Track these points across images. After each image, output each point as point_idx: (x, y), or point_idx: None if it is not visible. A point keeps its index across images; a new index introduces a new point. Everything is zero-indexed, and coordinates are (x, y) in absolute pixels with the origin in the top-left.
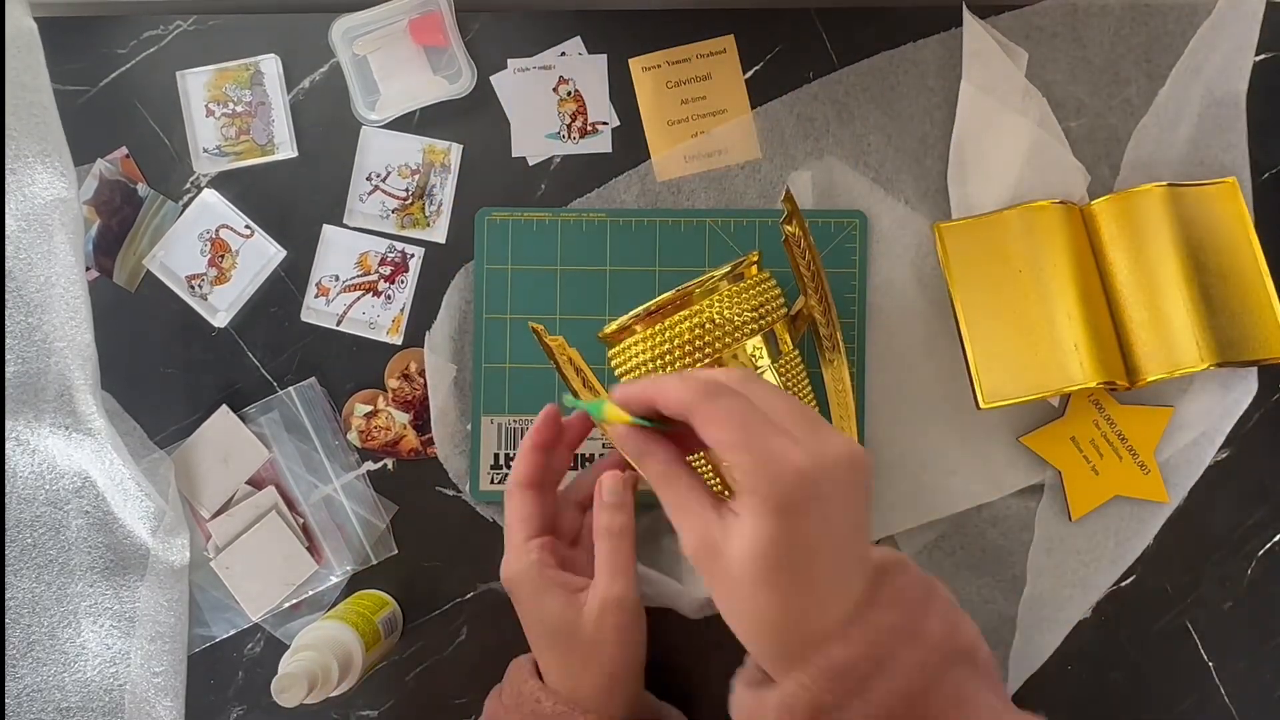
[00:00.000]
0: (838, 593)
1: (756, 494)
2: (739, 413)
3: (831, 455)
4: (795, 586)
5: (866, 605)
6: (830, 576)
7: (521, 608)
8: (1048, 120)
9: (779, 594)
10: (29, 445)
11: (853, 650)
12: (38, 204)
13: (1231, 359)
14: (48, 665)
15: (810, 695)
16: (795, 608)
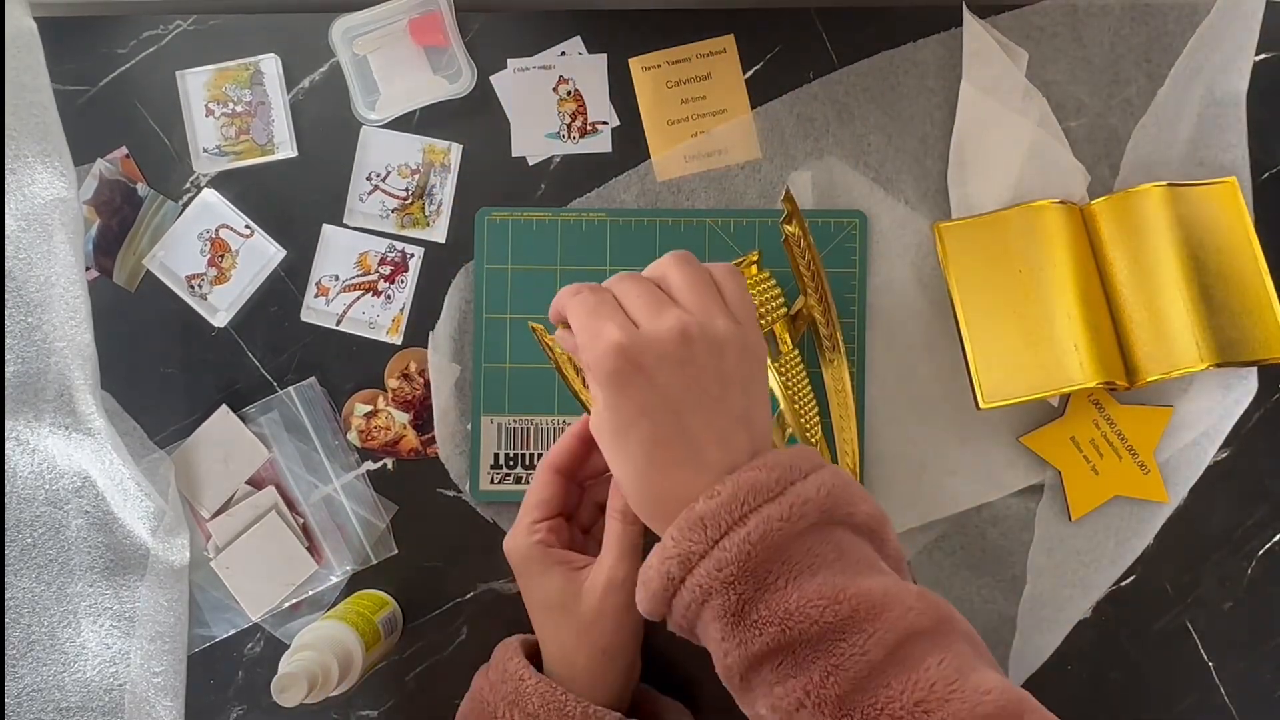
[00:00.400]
0: (692, 457)
1: (589, 370)
2: (588, 303)
3: (656, 331)
4: (638, 446)
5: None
6: (673, 439)
7: (522, 580)
8: (1048, 120)
9: (629, 456)
10: (29, 445)
11: (714, 503)
12: (38, 204)
13: (1231, 359)
14: (48, 665)
15: (679, 547)
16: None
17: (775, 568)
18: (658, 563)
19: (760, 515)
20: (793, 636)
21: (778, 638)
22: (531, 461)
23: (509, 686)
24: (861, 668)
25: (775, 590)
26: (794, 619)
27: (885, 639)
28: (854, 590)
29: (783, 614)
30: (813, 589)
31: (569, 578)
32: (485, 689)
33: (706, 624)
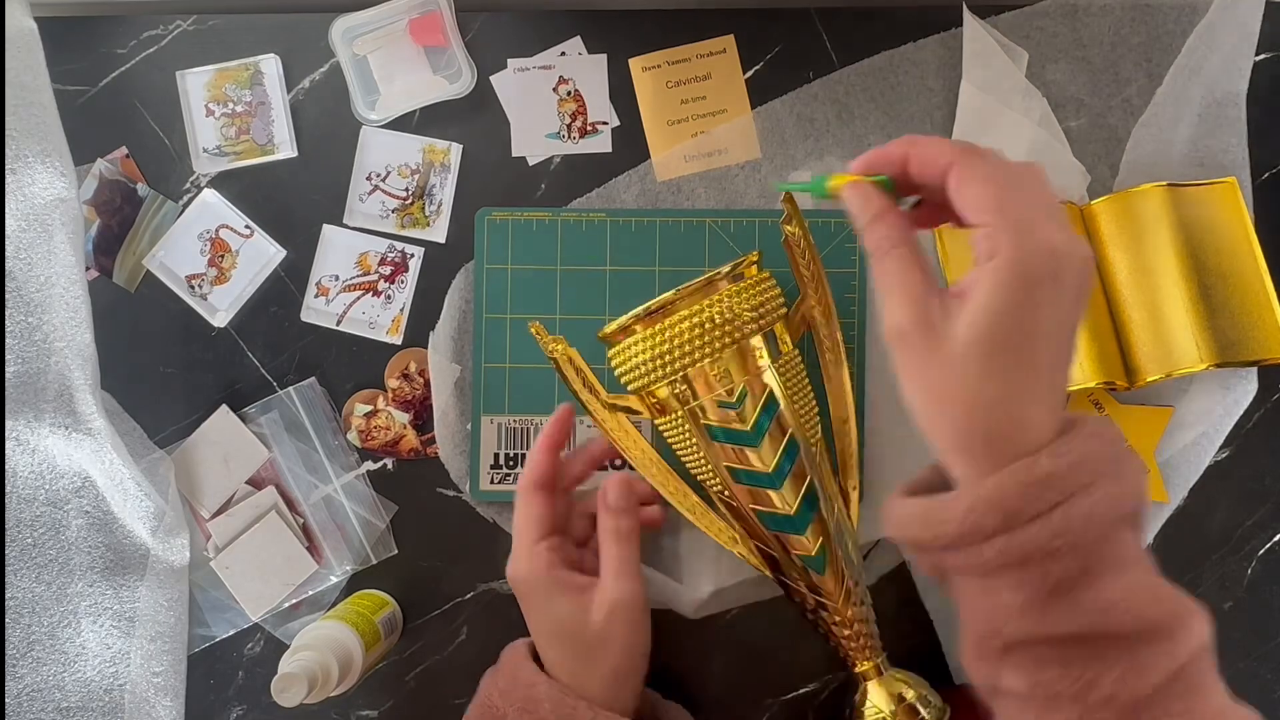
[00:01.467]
0: (1052, 395)
1: (1003, 258)
2: (1001, 175)
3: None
4: (1019, 370)
5: (1072, 430)
6: (1050, 371)
7: (528, 606)
8: (1048, 120)
9: (1000, 375)
10: (29, 445)
11: (1059, 464)
12: (38, 204)
13: (1231, 359)
14: (48, 665)
15: (1006, 500)
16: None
17: (1101, 550)
18: (964, 510)
19: (1102, 491)
20: (1105, 628)
21: (1091, 625)
22: None
23: (520, 693)
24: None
25: (1099, 575)
26: (1116, 610)
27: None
28: (1168, 591)
29: (1106, 603)
30: (1137, 580)
31: (575, 601)
32: (495, 695)
33: (996, 588)
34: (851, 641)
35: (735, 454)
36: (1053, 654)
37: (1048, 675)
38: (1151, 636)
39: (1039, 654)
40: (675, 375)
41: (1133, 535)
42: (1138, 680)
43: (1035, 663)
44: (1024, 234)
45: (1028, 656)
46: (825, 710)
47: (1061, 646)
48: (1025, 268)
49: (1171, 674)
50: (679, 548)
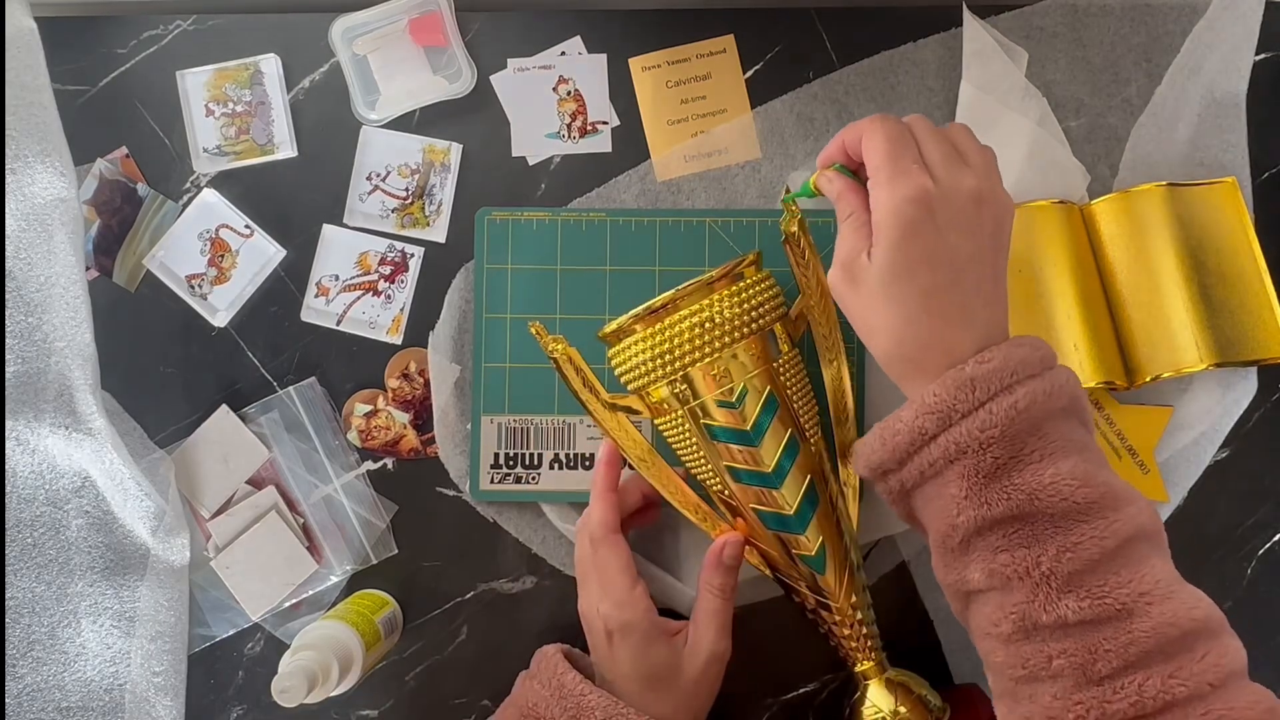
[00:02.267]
0: (962, 315)
1: (879, 205)
2: (895, 136)
3: (958, 187)
4: (919, 296)
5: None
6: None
7: (626, 650)
8: (1048, 120)
9: (899, 302)
10: (29, 445)
11: (985, 368)
12: (38, 204)
13: (1231, 359)
14: (48, 665)
15: (940, 401)
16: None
17: (1032, 441)
18: (911, 417)
19: (1026, 388)
20: (1038, 509)
21: (1023, 506)
22: (531, 461)
23: (570, 701)
24: (1096, 551)
25: (1030, 462)
26: (1045, 492)
27: (1121, 530)
28: (1102, 479)
29: (1035, 485)
30: (1066, 468)
31: (670, 646)
32: (539, 702)
33: (944, 483)
34: (851, 641)
35: (735, 453)
36: (1000, 539)
37: (999, 561)
38: (1083, 516)
39: (990, 542)
40: (675, 375)
41: (1070, 428)
42: (1073, 556)
43: (990, 551)
44: (895, 182)
45: (983, 546)
46: (825, 710)
47: (1005, 530)
48: (897, 209)
49: (1106, 551)
50: (679, 547)
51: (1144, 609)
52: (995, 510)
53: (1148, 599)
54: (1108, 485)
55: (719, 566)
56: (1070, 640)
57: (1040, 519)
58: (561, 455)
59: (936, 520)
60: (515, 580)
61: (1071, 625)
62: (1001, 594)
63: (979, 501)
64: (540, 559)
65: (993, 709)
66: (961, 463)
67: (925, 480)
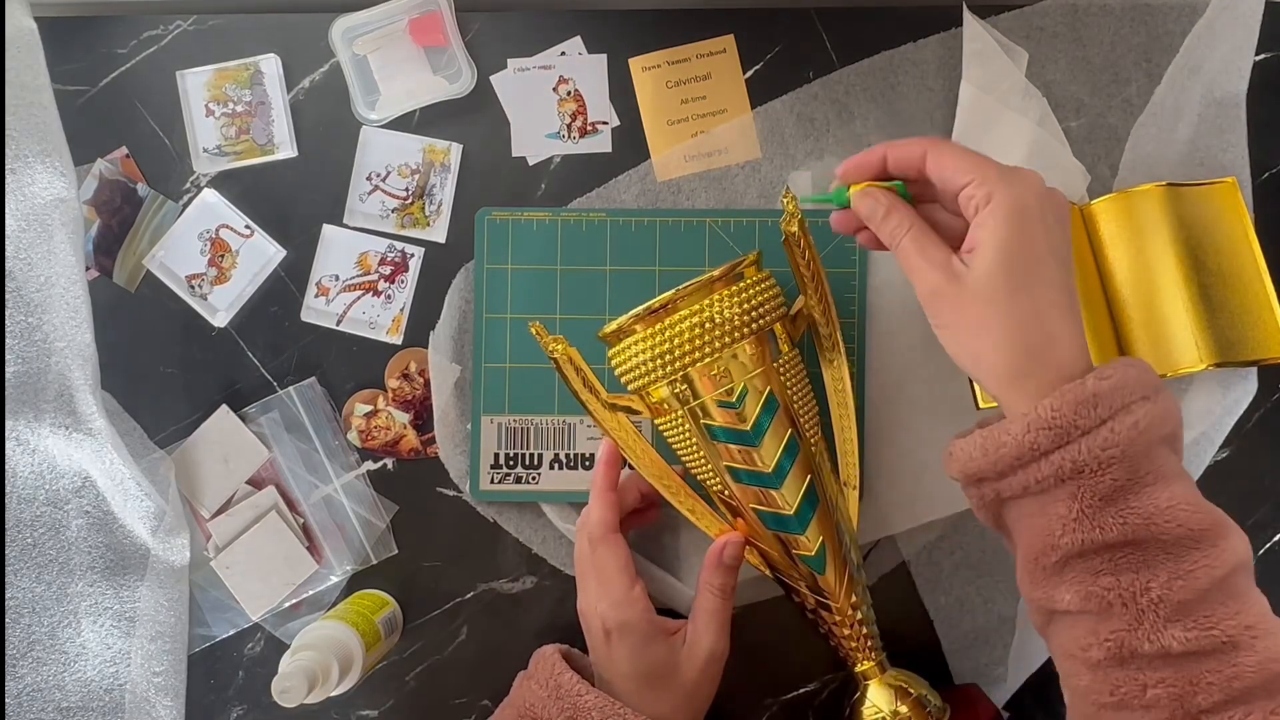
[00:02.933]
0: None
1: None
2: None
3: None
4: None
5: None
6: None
7: (624, 650)
8: (1048, 120)
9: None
10: (29, 445)
11: (1104, 385)
12: (38, 204)
13: (1231, 359)
14: (48, 665)
15: (1059, 416)
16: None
17: (1146, 464)
18: (1022, 430)
19: (1144, 409)
20: (1152, 534)
21: (1139, 531)
22: (532, 461)
23: (567, 702)
24: (1206, 581)
25: (1147, 485)
26: (1162, 517)
27: (1229, 559)
28: (1210, 506)
29: (1152, 510)
30: (1181, 493)
31: (669, 645)
32: (535, 702)
33: (1051, 501)
34: (851, 641)
35: (735, 453)
36: (1104, 563)
37: (1101, 584)
38: (1195, 544)
39: (1092, 565)
40: (675, 375)
41: (1178, 452)
42: (1184, 585)
43: (1089, 574)
44: (1009, 178)
45: (1082, 568)
46: (825, 710)
47: (1112, 554)
48: (1019, 203)
49: (1216, 581)
50: (679, 547)
51: (1249, 642)
52: (1108, 535)
53: (1253, 632)
54: (1214, 512)
55: (719, 566)
56: (1170, 670)
57: (1153, 545)
58: (561, 455)
59: (1032, 536)
60: (515, 580)
61: (1174, 655)
62: (1096, 618)
63: (1091, 525)
64: (540, 559)
65: (992, 709)
66: (1076, 482)
67: (1028, 495)
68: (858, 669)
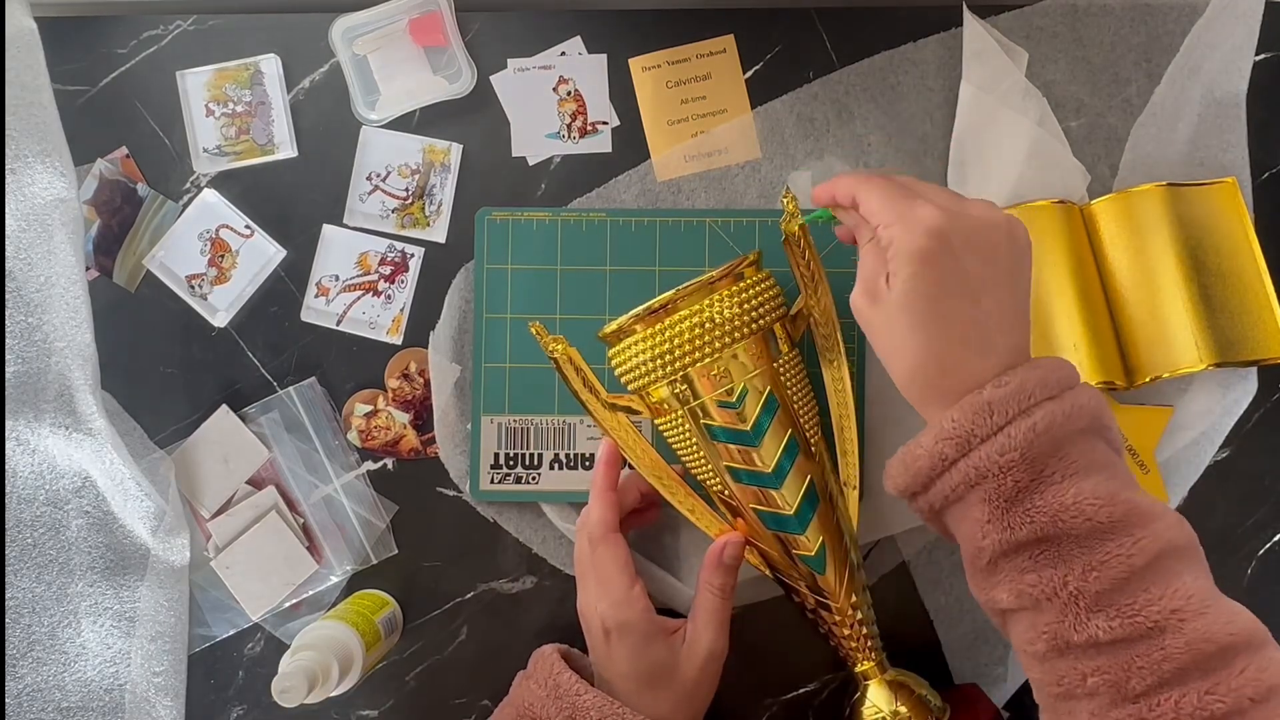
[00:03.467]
0: (980, 340)
1: (895, 245)
2: (889, 187)
3: (968, 214)
4: (937, 323)
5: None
6: (968, 320)
7: (624, 650)
8: (1048, 120)
9: (921, 327)
10: (29, 445)
11: (1001, 392)
12: (37, 204)
13: (1231, 359)
14: (48, 665)
15: (959, 429)
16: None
17: (1052, 463)
18: (931, 443)
19: (1044, 410)
20: (1062, 530)
21: (1046, 528)
22: (532, 461)
23: (566, 702)
24: (1123, 569)
25: (1051, 484)
26: (1068, 513)
27: (1149, 547)
28: (1125, 497)
29: (1057, 507)
30: (1088, 488)
31: (669, 644)
32: (534, 703)
33: (969, 506)
34: (851, 641)
35: (735, 453)
36: (1026, 561)
37: (1026, 581)
38: (1108, 535)
39: (1016, 563)
40: (675, 375)
41: (1092, 447)
42: (1099, 575)
43: (1016, 572)
44: (905, 222)
45: (1009, 568)
46: (825, 710)
47: (1030, 552)
48: (912, 247)
49: (1135, 569)
50: (679, 547)
51: (1177, 625)
52: (1019, 533)
53: (1180, 615)
54: (1132, 503)
55: (719, 566)
56: (1103, 658)
57: (1065, 540)
58: (561, 455)
59: (964, 542)
60: (515, 580)
61: (1103, 644)
62: (1032, 614)
63: (1002, 525)
64: (540, 559)
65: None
66: (983, 487)
67: (950, 504)
68: (858, 669)
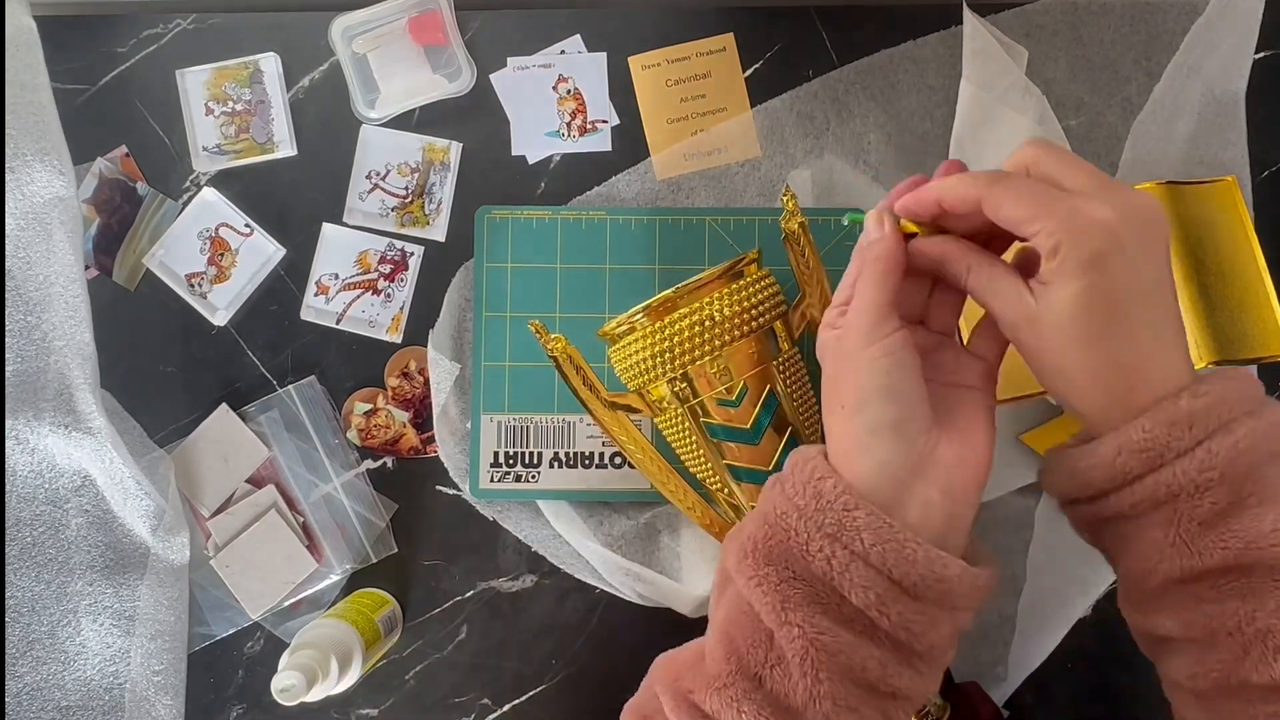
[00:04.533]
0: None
1: (1064, 253)
2: (1027, 187)
3: (1131, 206)
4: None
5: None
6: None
7: None
8: (1047, 118)
9: (1103, 344)
10: (29, 444)
11: (1198, 404)
12: (37, 203)
13: (1230, 357)
14: (48, 664)
15: (1151, 439)
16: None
17: (1249, 485)
18: (1112, 454)
19: (1246, 427)
20: (1255, 560)
21: (1240, 557)
22: (531, 459)
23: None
24: None
25: (1250, 507)
26: (1267, 540)
27: None
28: None
29: (1255, 534)
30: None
31: None
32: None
33: (1148, 526)
34: None
35: (735, 452)
36: (1207, 590)
37: (1204, 612)
38: None
39: (1194, 591)
40: (675, 373)
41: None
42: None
43: (1191, 600)
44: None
45: (1183, 595)
46: None
47: (1215, 581)
48: (1084, 251)
49: None
50: (679, 546)
51: None
52: (1208, 561)
53: None
54: None
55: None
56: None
57: (1259, 570)
58: (561, 454)
59: (1130, 560)
60: (515, 579)
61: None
62: (1202, 647)
63: (1190, 551)
64: (540, 557)
65: (992, 708)
66: (1171, 505)
67: (1125, 519)
68: None
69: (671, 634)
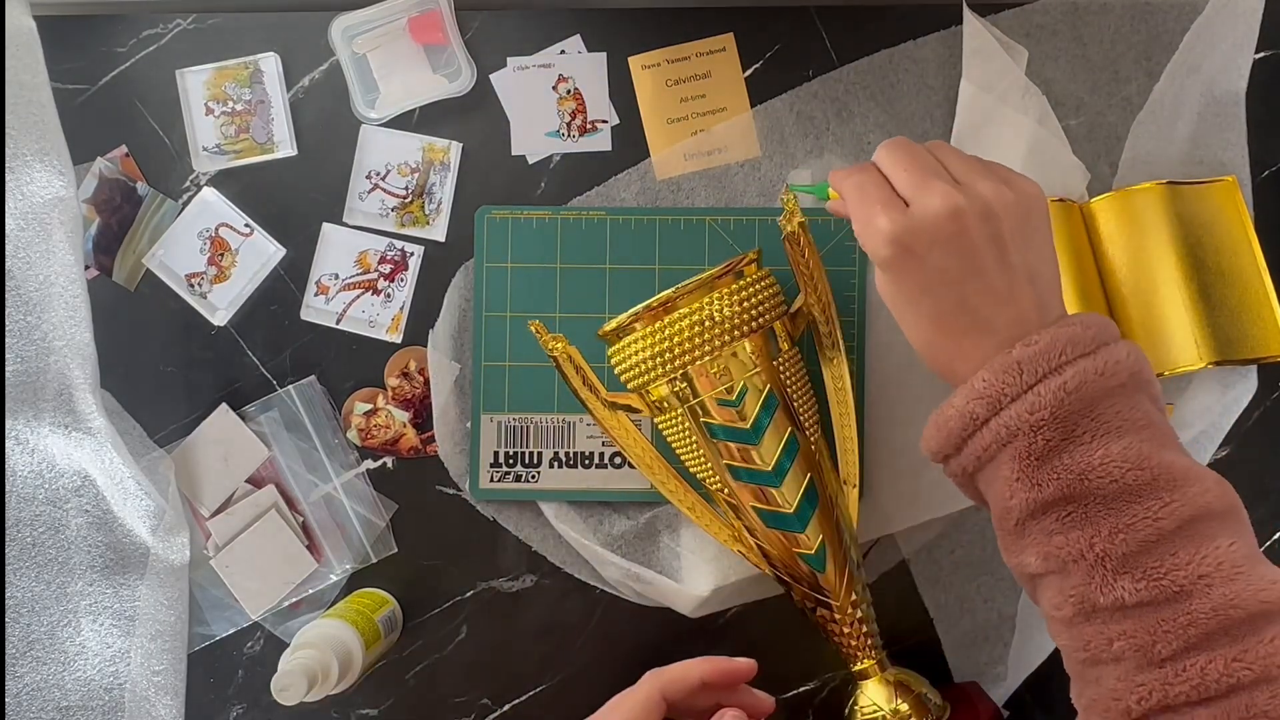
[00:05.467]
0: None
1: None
2: (856, 187)
3: (924, 213)
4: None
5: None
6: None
7: None
8: (1047, 118)
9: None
10: (29, 444)
11: (1031, 350)
12: (36, 203)
13: (1230, 357)
14: (48, 664)
15: (989, 388)
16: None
17: (1084, 422)
18: (962, 403)
19: (1076, 367)
20: (1088, 490)
21: (1073, 487)
22: (531, 459)
23: None
24: (1151, 532)
25: (1081, 443)
26: (1095, 474)
27: (1180, 511)
28: (1158, 460)
29: (1085, 466)
30: (1118, 449)
31: None
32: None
33: (999, 465)
34: (851, 639)
35: (735, 452)
36: (1054, 523)
37: (1054, 544)
38: (1136, 497)
39: (1044, 525)
40: (675, 373)
41: (1131, 405)
42: (1125, 538)
43: (1044, 534)
44: (866, 235)
45: (1037, 530)
46: (825, 709)
47: (1058, 513)
48: (879, 261)
49: (1164, 532)
50: (679, 547)
51: (1204, 590)
52: (1046, 492)
53: (1207, 580)
54: (1166, 465)
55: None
56: (1129, 622)
57: (1092, 500)
58: (561, 454)
59: (993, 503)
60: (515, 579)
61: (1129, 607)
62: (1059, 577)
63: (1030, 484)
64: (540, 557)
65: (992, 707)
66: (1013, 445)
67: (982, 465)
68: (857, 667)
69: (671, 634)
